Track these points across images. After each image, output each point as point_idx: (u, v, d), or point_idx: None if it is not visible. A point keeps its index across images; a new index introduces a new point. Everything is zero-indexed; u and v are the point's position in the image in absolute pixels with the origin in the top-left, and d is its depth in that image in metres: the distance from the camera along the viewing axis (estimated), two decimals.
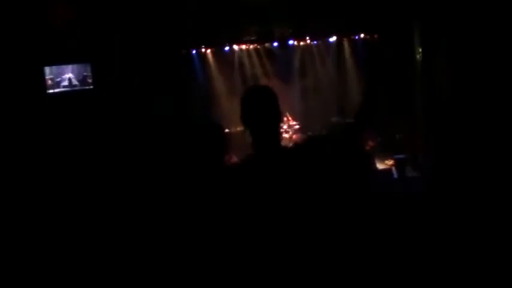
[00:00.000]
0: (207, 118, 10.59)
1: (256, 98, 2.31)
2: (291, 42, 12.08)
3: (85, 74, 9.81)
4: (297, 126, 11.84)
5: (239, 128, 8.70)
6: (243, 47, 12.28)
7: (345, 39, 12.17)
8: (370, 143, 10.73)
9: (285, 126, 11.74)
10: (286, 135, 11.61)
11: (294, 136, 11.80)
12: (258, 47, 12.33)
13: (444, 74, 8.99)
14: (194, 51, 11.96)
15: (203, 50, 12.02)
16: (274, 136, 2.31)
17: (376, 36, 11.70)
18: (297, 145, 2.44)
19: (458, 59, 8.20)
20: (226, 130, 10.70)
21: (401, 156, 10.09)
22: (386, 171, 9.66)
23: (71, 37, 8.96)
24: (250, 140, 2.37)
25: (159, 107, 10.04)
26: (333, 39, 12.11)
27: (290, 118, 11.78)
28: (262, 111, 2.28)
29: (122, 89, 9.66)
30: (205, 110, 11.54)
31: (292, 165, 2.19)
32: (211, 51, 12.14)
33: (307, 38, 12.11)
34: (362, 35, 11.90)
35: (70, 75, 9.74)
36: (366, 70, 11.86)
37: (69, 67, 9.76)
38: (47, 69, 9.63)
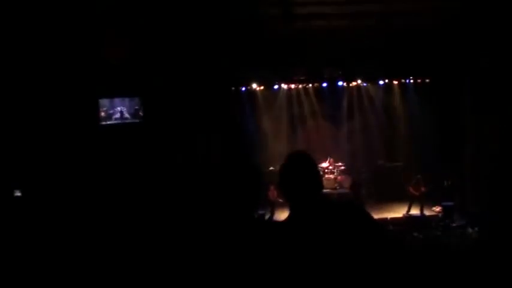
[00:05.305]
0: (248, 158, 10.56)
1: (296, 169, 2.16)
2: (340, 83, 12.00)
3: (136, 107, 10.11)
4: (342, 167, 11.76)
5: None
6: (292, 86, 12.34)
7: (395, 82, 12.01)
8: (422, 189, 10.46)
9: (330, 167, 11.71)
10: (331, 176, 11.55)
11: (339, 177, 11.71)
12: (307, 86, 12.36)
13: (494, 123, 8.78)
14: (243, 89, 12.10)
15: (253, 87, 12.09)
16: (312, 203, 2.12)
17: (427, 80, 11.54)
18: (333, 206, 2.14)
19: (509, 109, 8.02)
20: (271, 168, 10.87)
21: (449, 203, 9.83)
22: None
23: (125, 72, 9.26)
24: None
25: (205, 143, 10.20)
26: (383, 81, 12.00)
27: (332, 161, 11.76)
28: (302, 183, 2.12)
29: (171, 124, 9.86)
30: (252, 147, 11.60)
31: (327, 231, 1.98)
32: (260, 90, 12.22)
33: (357, 79, 11.98)
34: (412, 79, 11.74)
35: (122, 108, 10.06)
36: (416, 115, 11.70)
37: (122, 101, 10.10)
38: (101, 102, 10.01)
